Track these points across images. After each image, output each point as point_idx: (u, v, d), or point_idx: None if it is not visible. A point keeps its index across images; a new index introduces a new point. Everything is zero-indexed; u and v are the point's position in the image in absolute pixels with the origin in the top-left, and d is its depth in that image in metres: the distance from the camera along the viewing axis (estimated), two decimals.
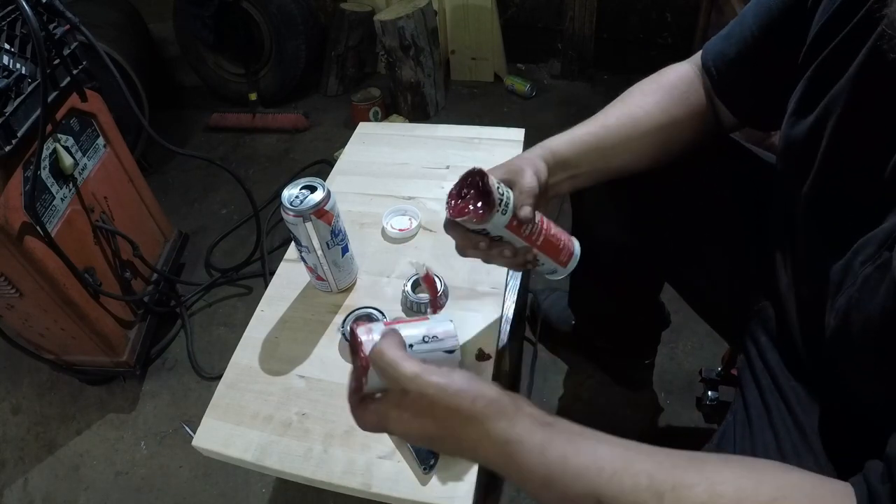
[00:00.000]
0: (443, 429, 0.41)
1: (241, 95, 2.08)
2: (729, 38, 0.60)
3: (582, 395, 1.18)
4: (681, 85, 0.65)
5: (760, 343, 0.62)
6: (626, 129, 0.63)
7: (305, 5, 2.06)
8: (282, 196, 0.67)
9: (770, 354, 0.60)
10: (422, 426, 0.42)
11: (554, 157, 0.63)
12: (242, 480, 1.09)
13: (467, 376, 0.42)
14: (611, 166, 0.66)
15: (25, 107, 0.96)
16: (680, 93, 0.64)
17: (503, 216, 0.55)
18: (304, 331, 0.74)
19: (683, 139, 0.66)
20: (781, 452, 0.52)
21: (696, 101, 0.64)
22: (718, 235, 0.69)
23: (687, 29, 1.96)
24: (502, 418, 0.40)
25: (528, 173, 0.58)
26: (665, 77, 0.67)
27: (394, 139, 1.04)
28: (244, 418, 0.65)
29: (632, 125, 0.63)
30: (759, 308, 0.65)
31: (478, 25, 2.04)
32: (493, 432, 0.40)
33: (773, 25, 0.54)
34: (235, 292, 1.48)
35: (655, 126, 0.63)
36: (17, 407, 1.29)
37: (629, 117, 0.64)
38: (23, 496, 1.13)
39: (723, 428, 0.60)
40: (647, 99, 0.65)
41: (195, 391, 1.26)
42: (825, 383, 0.54)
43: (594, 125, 0.65)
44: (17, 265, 0.97)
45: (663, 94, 0.65)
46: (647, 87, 0.67)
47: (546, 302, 1.25)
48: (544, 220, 0.61)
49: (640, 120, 0.64)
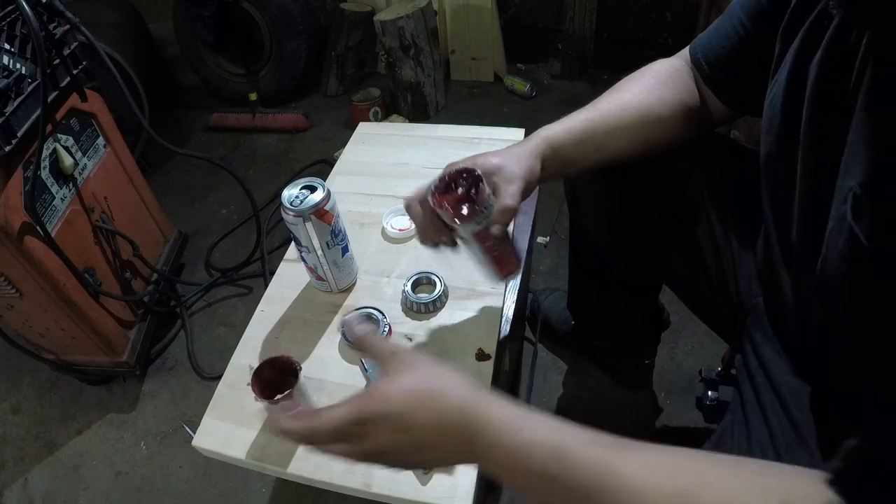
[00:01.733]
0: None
1: (241, 95, 2.08)
2: (718, 30, 0.62)
3: (582, 395, 1.18)
4: (669, 71, 0.67)
5: (755, 340, 0.62)
6: (616, 113, 0.65)
7: (305, 5, 2.06)
8: (282, 196, 0.67)
9: (764, 350, 0.60)
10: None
11: (553, 151, 0.64)
12: (242, 480, 1.09)
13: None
14: (603, 154, 0.67)
15: (25, 107, 0.96)
16: (667, 77, 0.66)
17: (477, 226, 0.57)
18: (304, 331, 0.74)
19: (674, 129, 0.66)
20: (776, 449, 0.52)
21: (685, 89, 0.66)
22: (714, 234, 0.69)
23: (687, 29, 1.96)
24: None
25: (514, 188, 0.59)
26: (652, 67, 0.69)
27: (394, 139, 1.04)
28: (244, 418, 0.65)
29: (622, 108, 0.65)
30: (753, 304, 0.65)
31: (478, 25, 2.04)
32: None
33: (762, 14, 0.56)
34: (235, 292, 1.48)
35: (645, 108, 0.65)
36: (17, 407, 1.29)
37: (619, 101, 0.66)
38: (23, 496, 1.13)
39: (721, 428, 0.61)
40: (635, 85, 0.67)
41: (195, 391, 1.26)
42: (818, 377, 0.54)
43: (588, 112, 0.66)
44: (17, 265, 0.97)
45: (650, 79, 0.67)
46: (635, 76, 0.69)
47: (546, 302, 1.25)
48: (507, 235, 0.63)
49: (630, 103, 0.65)
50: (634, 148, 0.67)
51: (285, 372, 0.60)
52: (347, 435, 0.41)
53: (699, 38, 0.65)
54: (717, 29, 0.62)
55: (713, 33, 0.63)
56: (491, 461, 0.40)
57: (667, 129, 0.66)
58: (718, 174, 0.70)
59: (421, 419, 0.41)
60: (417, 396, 0.41)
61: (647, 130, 0.66)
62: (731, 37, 0.60)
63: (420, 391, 0.42)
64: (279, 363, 0.61)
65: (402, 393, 0.41)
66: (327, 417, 0.42)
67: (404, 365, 0.43)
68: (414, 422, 0.40)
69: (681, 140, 0.68)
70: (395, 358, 0.44)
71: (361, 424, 0.41)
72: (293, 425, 0.43)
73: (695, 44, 0.65)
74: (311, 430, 0.42)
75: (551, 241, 1.51)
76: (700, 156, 0.69)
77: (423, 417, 0.41)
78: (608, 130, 0.65)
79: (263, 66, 2.10)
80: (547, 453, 0.38)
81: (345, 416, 0.41)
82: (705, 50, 0.63)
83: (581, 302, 1.09)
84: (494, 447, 0.40)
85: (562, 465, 0.37)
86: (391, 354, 0.45)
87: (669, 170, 0.70)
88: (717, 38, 0.62)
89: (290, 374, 0.60)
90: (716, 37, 0.62)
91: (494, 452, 0.40)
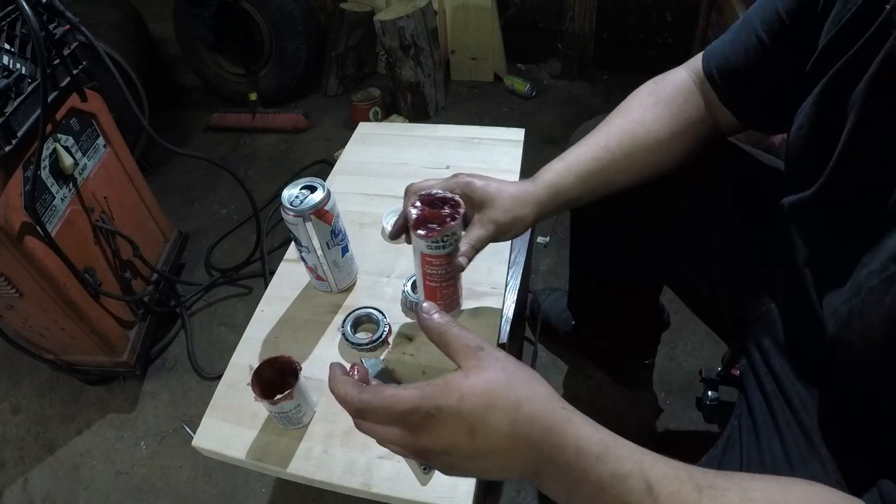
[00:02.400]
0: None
1: (241, 95, 2.08)
2: (734, 43, 0.59)
3: (582, 395, 1.18)
4: (679, 97, 0.65)
5: (764, 347, 0.62)
6: (627, 150, 0.64)
7: (305, 5, 2.06)
8: (282, 196, 0.67)
9: (774, 359, 0.60)
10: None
11: (555, 196, 0.63)
12: (242, 480, 1.09)
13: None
14: (612, 189, 0.66)
15: (25, 107, 0.96)
16: (678, 106, 0.64)
17: (429, 248, 0.58)
18: (304, 331, 0.74)
19: (683, 151, 0.66)
20: (788, 459, 0.52)
21: (695, 113, 0.64)
22: (718, 240, 0.69)
23: (687, 29, 1.96)
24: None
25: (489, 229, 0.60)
26: (663, 89, 0.66)
27: (394, 139, 1.04)
28: (244, 418, 0.65)
29: (632, 144, 0.64)
30: (763, 312, 0.64)
31: (478, 25, 2.04)
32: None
33: (782, 32, 0.53)
34: (235, 292, 1.48)
35: (654, 142, 0.64)
36: (17, 407, 1.29)
37: (630, 136, 0.64)
38: (23, 496, 1.13)
39: (727, 433, 0.60)
40: (647, 115, 0.65)
41: (195, 391, 1.26)
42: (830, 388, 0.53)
43: (597, 149, 0.64)
44: (17, 265, 0.97)
45: (663, 109, 0.64)
46: (645, 100, 0.66)
47: (546, 302, 1.25)
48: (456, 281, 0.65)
49: (641, 138, 0.64)
50: (642, 177, 0.66)
51: (285, 372, 0.60)
52: (407, 423, 0.38)
53: (713, 48, 0.62)
54: (733, 42, 0.59)
55: (728, 46, 0.60)
56: (559, 483, 0.37)
57: (676, 156, 0.66)
58: (721, 177, 0.69)
59: (494, 426, 0.36)
60: (496, 400, 0.37)
61: (657, 164, 0.65)
62: (748, 52, 0.57)
63: (500, 395, 0.37)
64: (279, 363, 0.61)
65: (481, 392, 0.37)
66: (394, 397, 0.38)
67: (489, 362, 0.39)
68: (487, 427, 0.36)
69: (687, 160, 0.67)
70: (477, 353, 0.39)
71: (429, 416, 0.37)
72: (352, 392, 0.40)
73: (708, 54, 0.63)
74: (368, 405, 0.39)
75: (551, 241, 1.51)
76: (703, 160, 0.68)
77: (498, 424, 0.36)
78: (619, 170, 0.64)
79: (263, 66, 2.10)
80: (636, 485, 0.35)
81: (413, 401, 0.37)
82: (719, 63, 0.61)
83: (581, 302, 1.09)
84: (573, 472, 0.36)
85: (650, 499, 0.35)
86: (476, 349, 0.39)
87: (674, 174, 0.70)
88: (732, 52, 0.59)
89: (290, 374, 0.60)
90: (731, 50, 0.59)
91: (569, 477, 0.36)
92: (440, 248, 0.58)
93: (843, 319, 0.44)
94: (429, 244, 0.57)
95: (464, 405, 0.36)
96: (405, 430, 0.38)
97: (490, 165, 0.94)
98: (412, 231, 0.58)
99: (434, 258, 0.59)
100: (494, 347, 0.41)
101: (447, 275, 0.62)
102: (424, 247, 0.58)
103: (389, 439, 0.39)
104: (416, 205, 0.58)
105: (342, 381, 0.41)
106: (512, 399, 0.37)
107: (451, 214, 0.57)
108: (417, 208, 0.58)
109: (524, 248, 0.88)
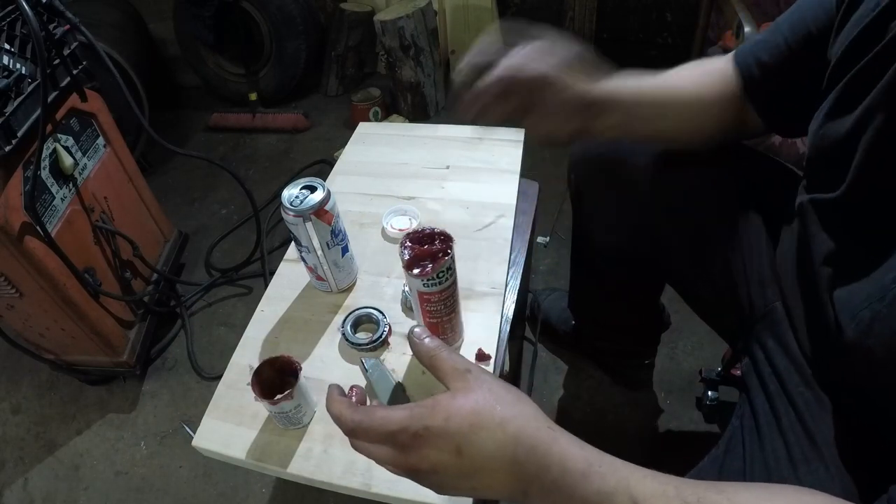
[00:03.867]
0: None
1: (241, 95, 2.08)
2: (764, 43, 0.61)
3: (582, 395, 1.18)
4: (716, 73, 0.66)
5: (768, 347, 0.62)
6: (661, 91, 0.66)
7: (305, 5, 2.06)
8: (282, 196, 0.67)
9: (778, 359, 0.60)
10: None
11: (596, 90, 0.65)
12: (242, 480, 1.09)
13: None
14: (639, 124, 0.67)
15: (25, 107, 0.96)
16: (714, 79, 0.66)
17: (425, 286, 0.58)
18: (304, 331, 0.74)
19: (712, 123, 0.66)
20: (792, 461, 0.52)
21: (729, 91, 0.65)
22: (721, 238, 0.69)
23: (687, 29, 1.96)
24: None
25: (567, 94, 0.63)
26: (703, 64, 0.68)
27: (394, 139, 1.04)
28: (244, 418, 0.65)
29: (667, 87, 0.66)
30: (767, 312, 0.64)
31: (478, 25, 2.04)
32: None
33: (809, 40, 0.55)
34: (235, 292, 1.48)
35: (688, 96, 0.65)
36: (17, 407, 1.29)
37: (664, 80, 0.66)
38: (23, 496, 1.13)
39: (729, 433, 0.60)
40: (684, 73, 0.67)
41: (195, 391, 1.26)
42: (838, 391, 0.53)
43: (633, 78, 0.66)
44: (17, 265, 0.97)
45: (700, 74, 0.67)
46: (684, 67, 0.68)
47: (546, 302, 1.25)
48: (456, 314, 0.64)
49: (676, 86, 0.66)
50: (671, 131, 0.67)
51: (285, 372, 0.60)
52: (397, 442, 0.39)
53: (745, 46, 0.64)
54: (763, 42, 0.61)
55: (758, 46, 0.61)
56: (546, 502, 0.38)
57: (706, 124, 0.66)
58: (727, 177, 0.69)
59: (480, 445, 0.37)
60: (482, 420, 0.38)
61: (690, 119, 0.66)
62: (776, 55, 0.59)
63: (486, 415, 0.38)
64: (279, 363, 0.61)
65: (468, 413, 0.38)
66: (383, 418, 0.39)
67: (475, 384, 0.40)
68: (472, 446, 0.37)
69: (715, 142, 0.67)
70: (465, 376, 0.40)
71: (417, 436, 0.38)
72: (346, 412, 0.41)
73: (739, 52, 0.64)
74: (360, 424, 0.40)
75: (551, 241, 1.51)
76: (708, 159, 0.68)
77: (483, 444, 0.37)
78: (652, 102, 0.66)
79: (263, 66, 2.10)
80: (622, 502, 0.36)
81: (401, 421, 0.39)
82: (749, 61, 0.62)
83: (582, 302, 1.09)
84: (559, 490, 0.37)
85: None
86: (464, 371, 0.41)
87: (677, 173, 0.70)
88: (761, 52, 0.61)
89: (290, 374, 0.60)
90: (761, 50, 0.61)
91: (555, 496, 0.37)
92: (436, 285, 0.58)
93: (865, 324, 0.44)
94: (424, 282, 0.57)
95: (450, 425, 0.38)
96: (395, 450, 0.40)
97: (490, 165, 0.94)
98: (405, 272, 0.58)
99: (431, 295, 0.59)
100: (482, 370, 0.42)
101: (447, 310, 0.62)
102: (420, 285, 0.58)
103: (381, 458, 0.41)
104: (407, 244, 0.58)
105: (337, 401, 0.42)
106: (497, 419, 0.38)
107: (443, 249, 0.57)
108: (408, 248, 0.58)
109: (524, 248, 0.88)
